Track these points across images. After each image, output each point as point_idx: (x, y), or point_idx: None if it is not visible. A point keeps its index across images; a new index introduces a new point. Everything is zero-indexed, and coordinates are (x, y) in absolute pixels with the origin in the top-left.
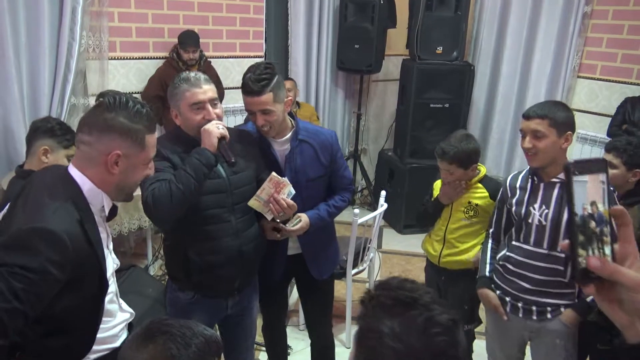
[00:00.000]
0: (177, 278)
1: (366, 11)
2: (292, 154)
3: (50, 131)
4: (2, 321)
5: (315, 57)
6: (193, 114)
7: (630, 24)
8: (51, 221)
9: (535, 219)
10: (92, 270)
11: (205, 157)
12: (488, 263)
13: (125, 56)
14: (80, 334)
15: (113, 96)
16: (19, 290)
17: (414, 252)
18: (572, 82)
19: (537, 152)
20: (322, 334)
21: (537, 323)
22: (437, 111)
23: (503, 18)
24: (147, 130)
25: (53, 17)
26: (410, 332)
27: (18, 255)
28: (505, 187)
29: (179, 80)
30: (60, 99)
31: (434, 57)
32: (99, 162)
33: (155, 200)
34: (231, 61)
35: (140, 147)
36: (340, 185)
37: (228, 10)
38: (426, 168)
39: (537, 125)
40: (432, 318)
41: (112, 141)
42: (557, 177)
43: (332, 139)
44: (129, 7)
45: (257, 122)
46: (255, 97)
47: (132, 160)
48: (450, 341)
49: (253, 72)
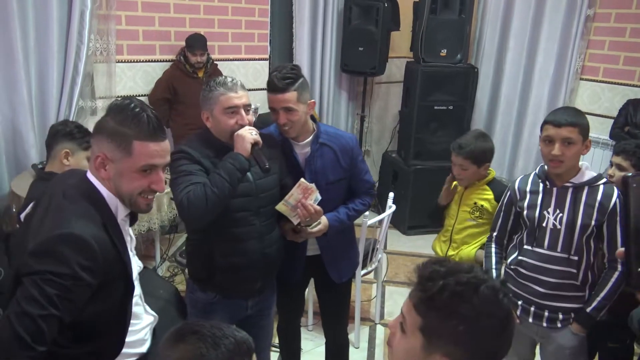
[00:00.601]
0: (200, 278)
1: (370, 14)
2: (312, 157)
3: (70, 134)
4: (40, 328)
5: (319, 60)
6: (226, 118)
7: (632, 26)
8: (77, 226)
9: (549, 223)
10: (120, 274)
11: (239, 162)
12: (494, 269)
13: (133, 59)
14: (109, 338)
15: (116, 102)
16: (54, 296)
17: (419, 252)
18: (574, 85)
19: (565, 160)
20: (339, 335)
21: (547, 329)
22: (441, 113)
23: (506, 20)
24: (138, 137)
25: (61, 20)
26: (488, 306)
27: (49, 262)
28: (513, 190)
29: (215, 84)
30: (68, 102)
31: (438, 59)
32: (94, 165)
33: (190, 203)
34: (236, 64)
35: (125, 152)
36: (361, 189)
37: (233, 13)
38: (430, 170)
39: (569, 133)
40: (494, 287)
41: (100, 142)
42: (570, 182)
43: (352, 142)
44: (136, 10)
45: (279, 120)
46: (279, 94)
47: (118, 166)
48: (509, 298)
49: (279, 71)
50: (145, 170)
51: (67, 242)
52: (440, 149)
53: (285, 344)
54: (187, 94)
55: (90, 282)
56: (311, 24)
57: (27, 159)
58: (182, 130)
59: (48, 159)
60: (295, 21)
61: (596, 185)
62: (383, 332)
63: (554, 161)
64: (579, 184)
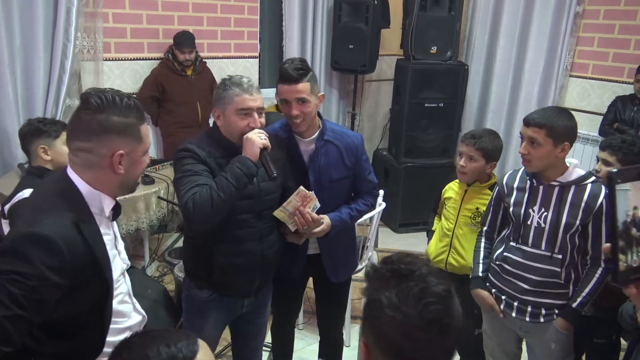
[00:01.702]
0: (197, 277)
1: (360, 11)
2: (316, 154)
3: (37, 130)
4: (5, 329)
5: (309, 58)
6: (239, 119)
7: (621, 23)
8: (45, 226)
9: (534, 221)
10: (94, 274)
11: (247, 167)
12: (481, 263)
13: (120, 57)
14: (88, 337)
15: (99, 96)
16: (19, 296)
17: (411, 250)
18: (564, 81)
19: (532, 159)
20: (334, 333)
21: (530, 324)
22: (432, 111)
23: (496, 18)
24: (140, 122)
25: (47, 18)
26: (406, 301)
27: (14, 262)
28: (501, 185)
29: (230, 83)
30: (55, 101)
31: (428, 56)
32: (102, 166)
33: (195, 205)
34: (226, 62)
35: (138, 140)
36: (364, 189)
37: (222, 10)
38: (421, 167)
39: (534, 134)
40: (427, 288)
41: (112, 142)
42: (556, 180)
43: (358, 141)
44: (124, 8)
45: (292, 111)
46: (293, 85)
47: (133, 156)
48: (445, 310)
49: (291, 62)
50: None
51: (32, 242)
52: (431, 147)
53: (279, 344)
54: (175, 92)
55: (59, 283)
56: (301, 21)
57: (12, 158)
58: (171, 128)
59: (30, 161)
60: (285, 19)
61: (583, 185)
62: None
63: (523, 159)
64: (566, 183)
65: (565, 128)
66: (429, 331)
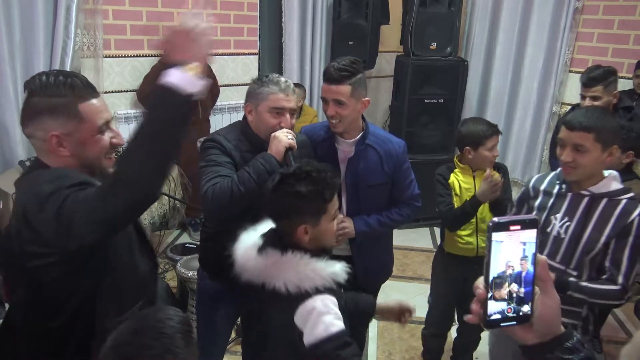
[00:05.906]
0: (211, 268)
1: (360, 8)
2: (356, 157)
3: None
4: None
5: (309, 54)
6: (271, 116)
7: (620, 18)
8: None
9: (554, 230)
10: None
11: (270, 164)
12: None
13: (120, 54)
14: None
15: (34, 79)
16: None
17: (411, 246)
18: (563, 77)
19: (577, 167)
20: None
21: None
22: (432, 107)
23: (495, 14)
24: (78, 100)
25: (47, 15)
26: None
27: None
28: (527, 187)
29: (268, 81)
30: None
31: (428, 53)
32: (48, 150)
33: (214, 195)
34: (225, 58)
35: (77, 119)
36: (401, 198)
37: (222, 7)
38: (422, 163)
39: (582, 140)
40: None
41: (43, 124)
42: (588, 190)
43: (400, 148)
44: (124, 4)
45: (328, 111)
46: (332, 85)
47: (77, 136)
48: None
49: (338, 62)
50: (102, 129)
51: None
52: (431, 143)
53: None
54: None
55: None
56: (301, 18)
57: (13, 156)
58: None
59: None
60: (284, 15)
61: (617, 199)
62: (376, 326)
63: (565, 167)
64: (598, 195)
65: (614, 129)
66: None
